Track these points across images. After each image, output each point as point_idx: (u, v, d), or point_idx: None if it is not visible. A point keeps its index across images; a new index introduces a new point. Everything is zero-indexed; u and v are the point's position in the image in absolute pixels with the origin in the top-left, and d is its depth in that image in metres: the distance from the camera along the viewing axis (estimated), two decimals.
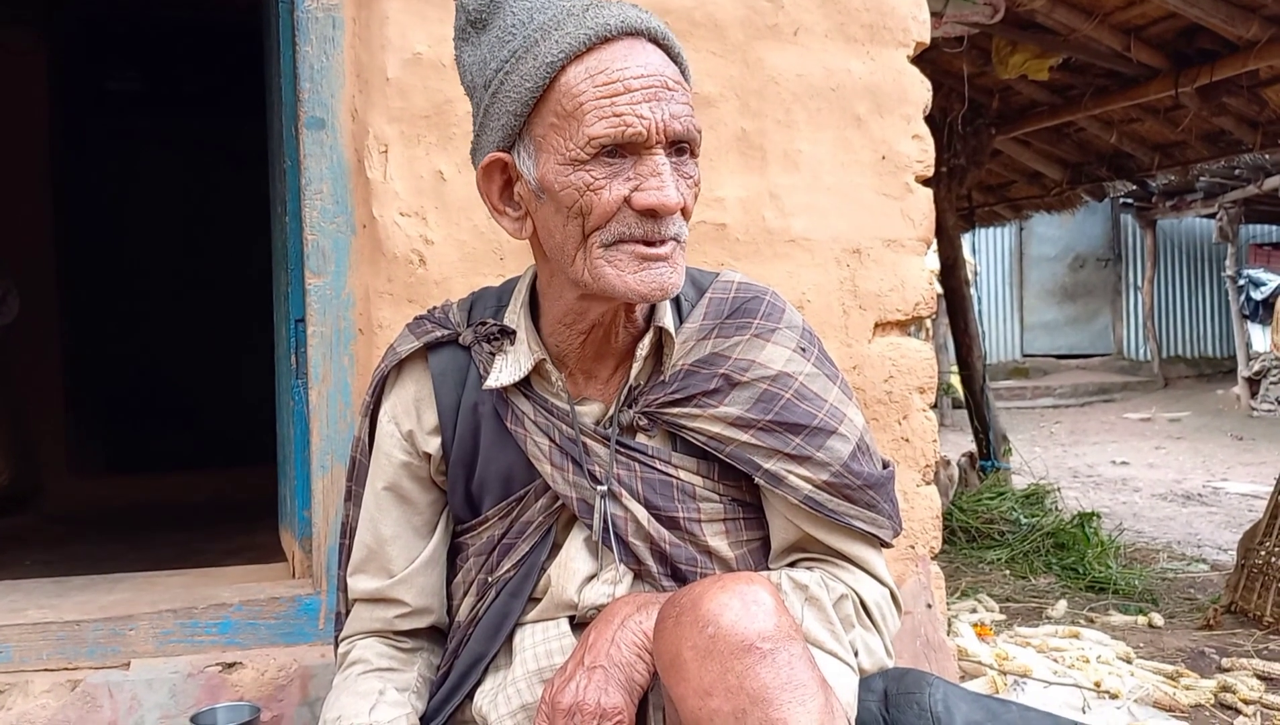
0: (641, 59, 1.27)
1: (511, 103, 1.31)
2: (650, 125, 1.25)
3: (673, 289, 1.31)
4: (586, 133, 1.25)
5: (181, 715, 2.03)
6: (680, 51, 1.34)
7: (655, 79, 1.27)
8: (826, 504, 1.40)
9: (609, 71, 1.26)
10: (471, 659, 1.46)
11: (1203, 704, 3.03)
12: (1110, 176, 7.22)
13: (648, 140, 1.26)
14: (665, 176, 1.27)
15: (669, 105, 1.27)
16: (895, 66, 2.47)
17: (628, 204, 1.27)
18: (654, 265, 1.29)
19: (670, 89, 1.28)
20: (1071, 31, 4.94)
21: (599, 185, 1.27)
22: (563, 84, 1.27)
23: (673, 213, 1.28)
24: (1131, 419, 13.47)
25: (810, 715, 1.11)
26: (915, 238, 2.49)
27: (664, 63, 1.30)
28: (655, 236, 1.28)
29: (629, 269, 1.29)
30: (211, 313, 6.60)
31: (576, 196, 1.28)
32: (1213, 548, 5.79)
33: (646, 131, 1.25)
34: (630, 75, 1.26)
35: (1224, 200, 13.60)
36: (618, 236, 1.28)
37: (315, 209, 2.18)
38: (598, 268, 1.30)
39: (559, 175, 1.28)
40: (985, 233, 16.70)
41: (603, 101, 1.25)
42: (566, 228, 1.31)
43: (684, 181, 1.31)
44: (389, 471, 1.52)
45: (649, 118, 1.25)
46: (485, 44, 1.35)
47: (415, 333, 1.52)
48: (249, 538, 3.70)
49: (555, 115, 1.28)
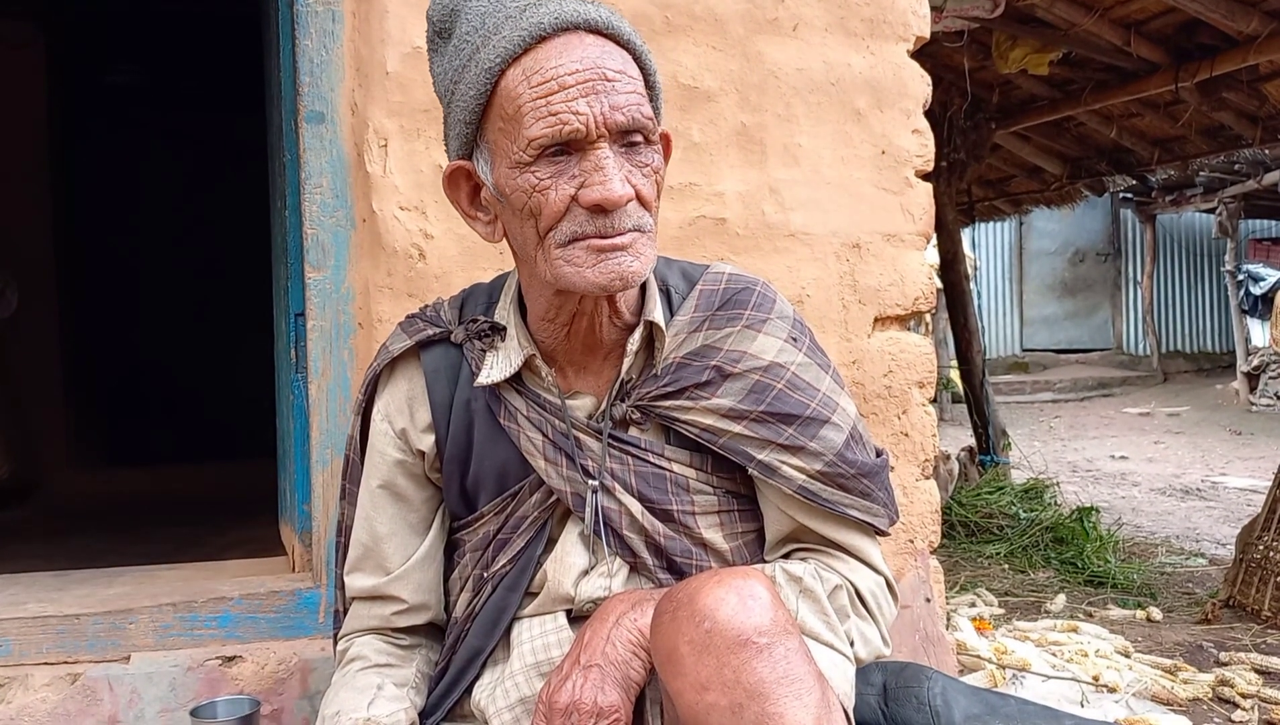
0: (577, 54, 1.26)
1: (463, 111, 1.32)
2: (588, 120, 1.24)
3: (634, 277, 1.29)
4: (526, 135, 1.25)
5: (181, 709, 2.03)
6: (630, 36, 1.32)
7: (591, 71, 1.25)
8: (821, 494, 1.41)
9: (543, 71, 1.25)
10: (469, 653, 1.47)
11: (1201, 698, 3.04)
12: (1110, 171, 7.22)
13: (588, 136, 1.25)
14: (608, 170, 1.25)
15: (609, 97, 1.25)
16: (895, 61, 2.47)
17: (576, 201, 1.27)
18: (610, 256, 1.27)
19: (609, 79, 1.26)
20: (1071, 26, 4.94)
21: (545, 185, 1.26)
22: (503, 88, 1.27)
23: (619, 206, 1.26)
24: (1130, 414, 13.48)
25: (807, 709, 1.12)
26: (915, 232, 2.49)
27: (603, 54, 1.27)
28: (609, 230, 1.27)
29: (586, 263, 1.28)
30: (211, 306, 6.60)
31: (525, 199, 1.28)
32: (1211, 542, 5.80)
33: (585, 127, 1.24)
34: (564, 71, 1.24)
35: (1223, 195, 13.62)
36: (570, 236, 1.28)
37: (315, 203, 2.18)
38: (556, 266, 1.29)
39: (508, 179, 1.29)
40: (985, 227, 16.70)
41: (539, 102, 1.24)
42: (524, 229, 1.31)
43: (638, 171, 1.29)
44: (383, 469, 1.52)
45: (585, 113, 1.24)
46: (447, 54, 1.36)
47: (407, 331, 1.52)
48: (249, 531, 3.70)
49: (501, 120, 1.28)
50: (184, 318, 6.74)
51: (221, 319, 6.46)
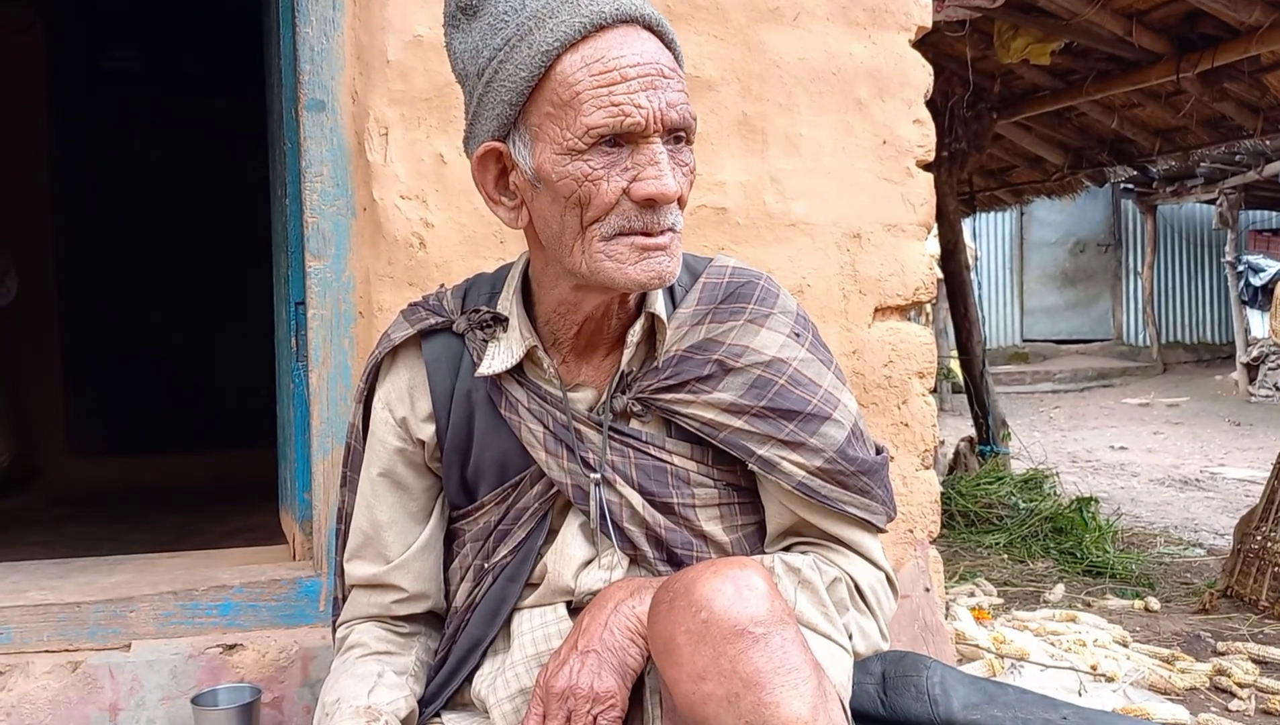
0: (637, 46, 1.26)
1: (506, 92, 1.29)
2: (648, 114, 1.24)
3: (670, 277, 1.31)
4: (584, 122, 1.24)
5: (182, 696, 2.04)
6: (674, 38, 1.33)
7: (651, 66, 1.26)
8: (820, 490, 1.40)
9: (605, 60, 1.24)
10: (469, 643, 1.47)
11: (1198, 687, 3.05)
12: (1111, 161, 7.20)
13: (645, 130, 1.25)
14: (664, 165, 1.26)
15: (665, 93, 1.26)
16: (897, 50, 2.47)
17: (626, 195, 1.26)
18: (653, 255, 1.29)
19: (666, 76, 1.27)
20: (1074, 15, 4.93)
21: (597, 175, 1.26)
22: (558, 73, 1.26)
23: (671, 202, 1.28)
24: (1130, 404, 13.49)
25: (803, 698, 1.12)
26: (916, 222, 2.49)
27: (659, 50, 1.29)
28: (654, 227, 1.28)
29: (629, 261, 1.28)
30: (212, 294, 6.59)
31: (575, 187, 1.27)
32: (1209, 532, 5.81)
33: (645, 121, 1.24)
34: (627, 64, 1.25)
35: (1224, 186, 13.59)
36: (617, 230, 1.28)
37: (315, 191, 2.18)
38: (596, 261, 1.29)
39: (556, 165, 1.27)
40: (986, 217, 16.69)
41: (600, 91, 1.24)
42: (564, 218, 1.30)
43: (680, 170, 1.30)
44: (384, 458, 1.52)
45: (646, 107, 1.24)
46: (476, 31, 1.33)
47: (409, 320, 1.52)
48: (249, 520, 3.71)
49: (551, 105, 1.27)
50: (184, 305, 6.72)
51: (222, 307, 6.45)
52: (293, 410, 2.34)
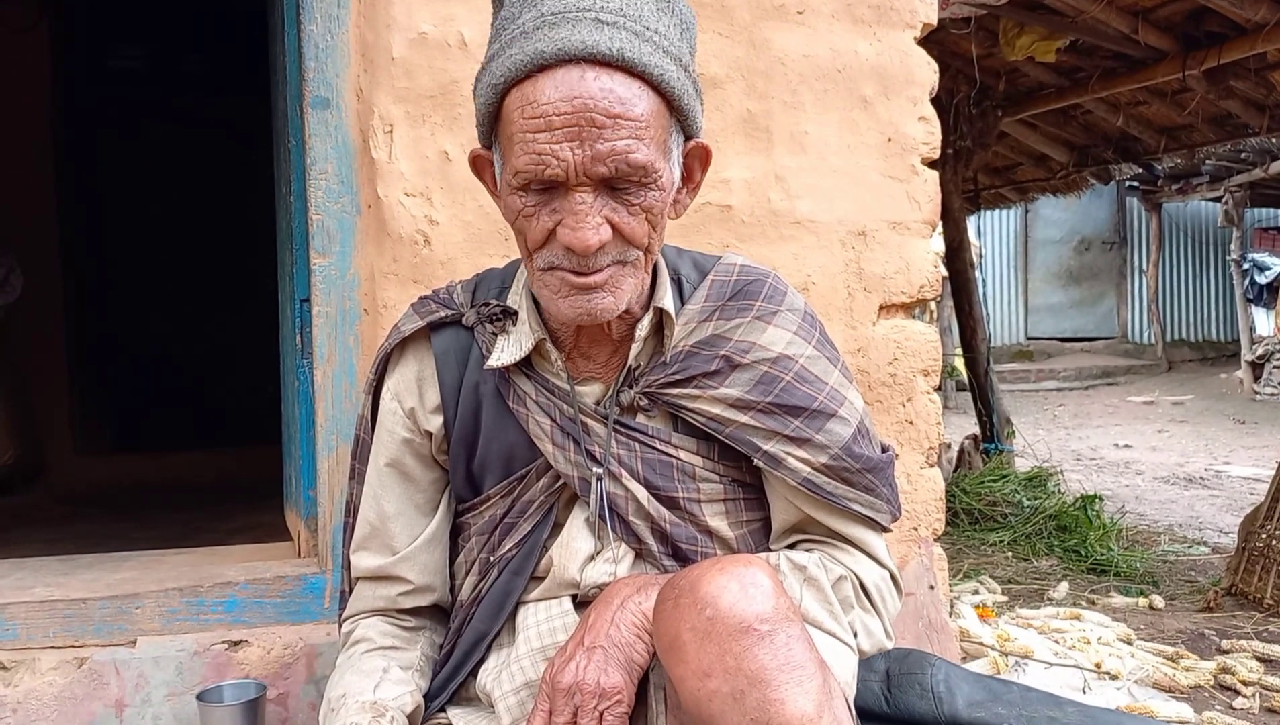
0: (572, 90, 1.20)
1: (478, 109, 1.33)
2: (568, 166, 1.21)
3: (605, 313, 1.30)
4: (514, 164, 1.25)
5: (188, 693, 2.05)
6: (647, 64, 1.24)
7: (579, 116, 1.20)
8: (825, 487, 1.41)
9: (536, 105, 1.22)
10: (475, 637, 1.47)
11: (1202, 685, 3.04)
12: (1116, 159, 7.19)
13: (567, 181, 1.23)
14: (582, 217, 1.23)
15: (596, 144, 1.21)
16: (902, 48, 2.47)
17: (553, 235, 1.27)
18: (583, 294, 1.28)
19: (598, 124, 1.20)
20: (1079, 13, 4.92)
21: (529, 212, 1.28)
22: (505, 107, 1.27)
23: (588, 253, 1.25)
24: (1135, 402, 13.48)
25: (808, 695, 1.12)
26: (921, 220, 2.48)
27: (602, 92, 1.21)
28: (584, 268, 1.27)
29: (560, 293, 1.30)
30: (217, 292, 6.60)
31: (514, 217, 1.30)
32: (1214, 531, 5.80)
33: (565, 173, 1.22)
34: (553, 111, 1.20)
35: (1230, 184, 13.58)
36: (549, 263, 1.29)
37: (320, 189, 2.18)
38: (538, 286, 1.33)
39: (506, 191, 1.31)
40: (990, 215, 16.67)
41: (527, 136, 1.22)
42: (518, 237, 1.34)
43: (624, 209, 1.26)
44: (391, 449, 1.52)
45: (567, 160, 1.21)
46: (495, 25, 1.34)
47: (419, 312, 1.53)
48: (254, 517, 3.71)
49: (503, 137, 1.29)
50: (189, 303, 6.74)
51: (227, 305, 6.46)
52: (297, 408, 2.34)
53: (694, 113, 1.33)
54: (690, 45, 1.34)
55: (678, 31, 1.31)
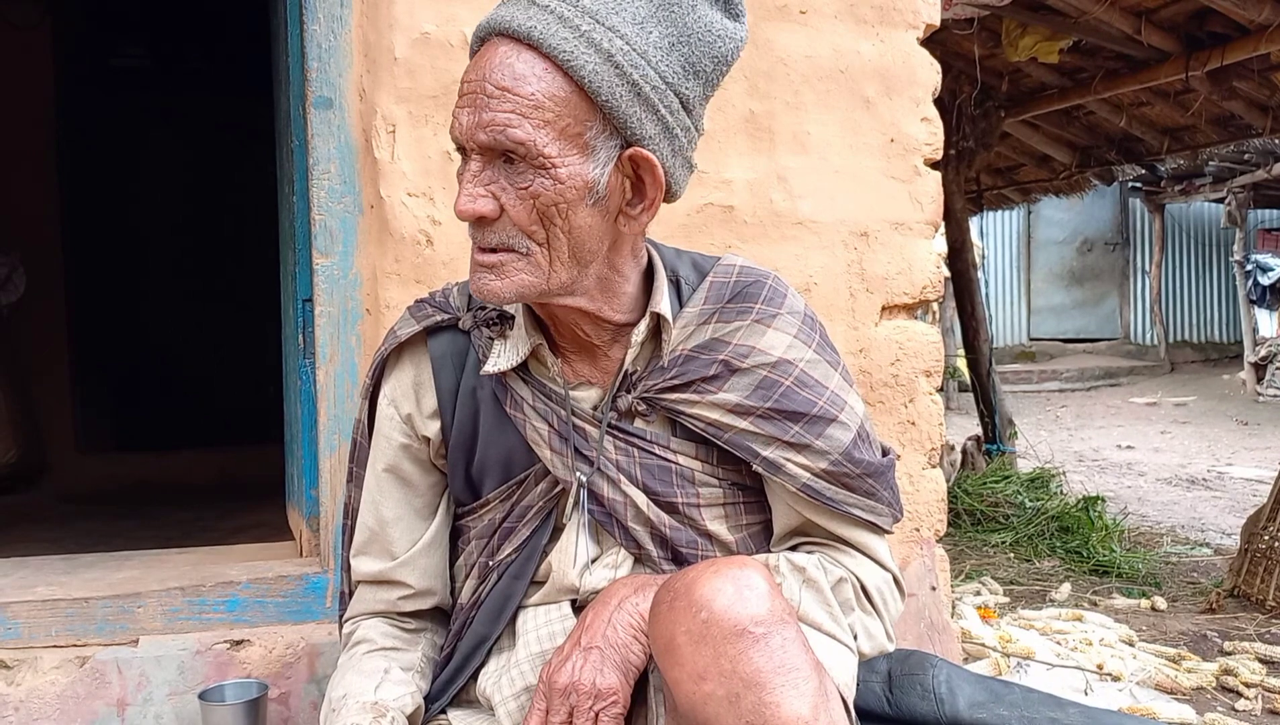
0: (483, 61, 1.26)
1: None
2: (461, 130, 1.27)
3: (493, 296, 1.29)
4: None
5: (189, 692, 2.05)
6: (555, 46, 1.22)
7: (475, 84, 1.26)
8: (825, 492, 1.40)
9: (466, 74, 1.29)
10: (475, 641, 1.47)
11: (1204, 687, 3.04)
12: (1119, 160, 7.18)
13: (464, 144, 1.28)
14: (465, 185, 1.27)
15: (482, 112, 1.24)
16: (904, 48, 2.46)
17: None
18: (479, 271, 1.31)
19: (489, 95, 1.23)
20: (1082, 14, 4.92)
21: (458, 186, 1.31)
22: None
23: (466, 219, 1.27)
24: (1137, 403, 13.46)
25: (803, 698, 1.12)
26: (923, 221, 2.48)
27: (502, 65, 1.23)
28: (479, 242, 1.30)
29: (473, 270, 1.32)
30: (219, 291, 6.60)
31: None
32: (1216, 532, 5.79)
33: (458, 136, 1.27)
34: (466, 79, 1.28)
35: (1233, 185, 13.55)
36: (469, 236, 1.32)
37: (323, 189, 2.18)
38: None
39: None
40: (993, 216, 16.66)
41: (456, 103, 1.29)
42: None
43: (513, 189, 1.26)
44: (389, 453, 1.52)
45: (462, 123, 1.26)
46: None
47: (415, 316, 1.52)
48: (256, 516, 3.72)
49: None
50: (191, 302, 6.74)
51: (229, 304, 6.46)
52: (299, 407, 2.35)
53: (635, 120, 1.26)
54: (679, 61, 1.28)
55: (657, 39, 1.26)
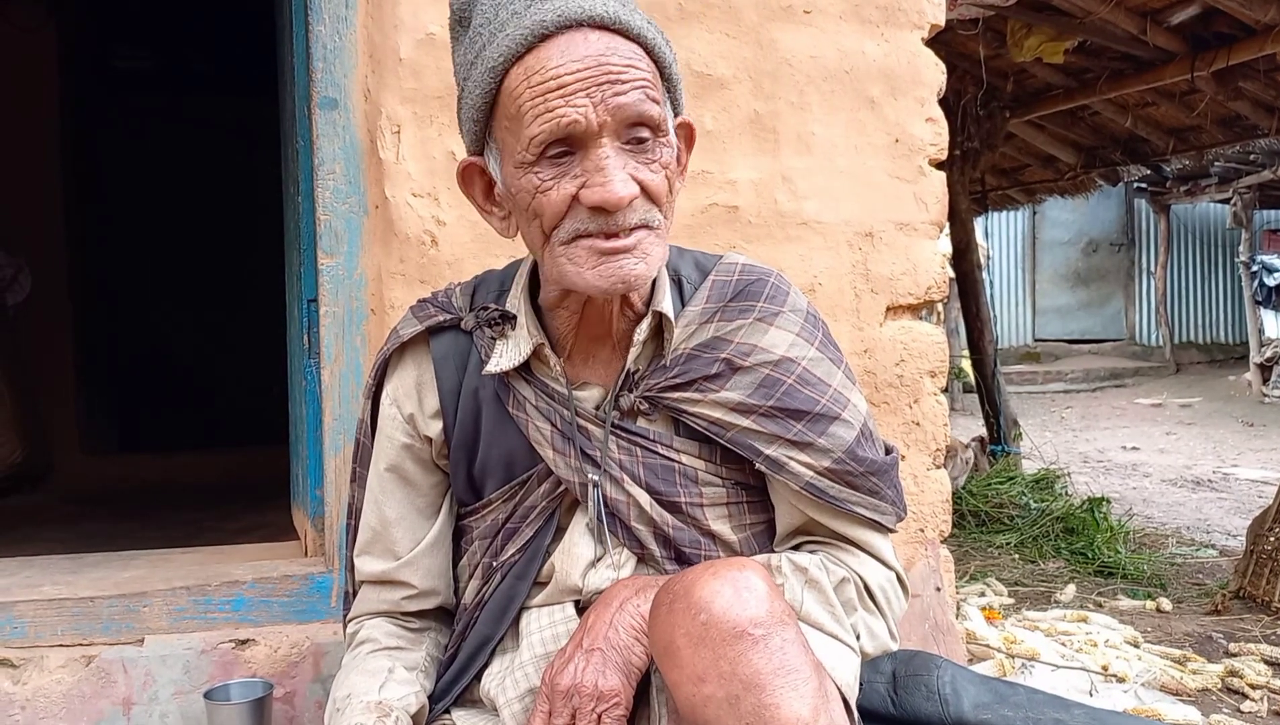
0: (579, 50, 1.23)
1: (470, 109, 1.31)
2: (586, 112, 1.22)
3: (637, 280, 1.28)
4: (527, 134, 1.24)
5: (195, 691, 2.05)
6: (641, 29, 1.28)
7: (594, 69, 1.22)
8: (828, 491, 1.40)
9: (544, 70, 1.23)
10: (479, 641, 1.47)
11: (1210, 688, 3.04)
12: (1124, 161, 7.18)
13: (587, 130, 1.23)
14: (609, 170, 1.23)
15: (612, 87, 1.23)
16: (909, 49, 2.46)
17: (578, 201, 1.26)
18: (613, 258, 1.26)
19: (613, 73, 1.23)
20: (1087, 14, 4.91)
21: (547, 186, 1.26)
22: (506, 88, 1.26)
23: (620, 207, 1.24)
24: (1143, 404, 13.44)
25: (803, 699, 1.12)
26: (928, 221, 2.48)
27: (608, 48, 1.24)
28: (612, 228, 1.26)
29: (587, 265, 1.27)
30: (223, 291, 6.61)
31: (529, 199, 1.28)
32: (1222, 533, 5.78)
33: (584, 119, 1.22)
34: (565, 71, 1.22)
35: (1238, 185, 13.53)
36: (574, 233, 1.27)
37: (328, 189, 2.18)
38: (560, 265, 1.29)
39: (513, 178, 1.29)
40: (998, 217, 16.63)
41: (537, 101, 1.23)
42: (530, 229, 1.32)
43: (645, 167, 1.27)
44: (391, 453, 1.52)
45: (584, 105, 1.22)
46: (464, 43, 1.34)
47: (418, 316, 1.52)
48: (261, 516, 3.72)
49: (506, 119, 1.28)
50: (196, 303, 6.76)
51: (233, 304, 6.47)
52: (304, 407, 2.35)
53: (679, 88, 1.35)
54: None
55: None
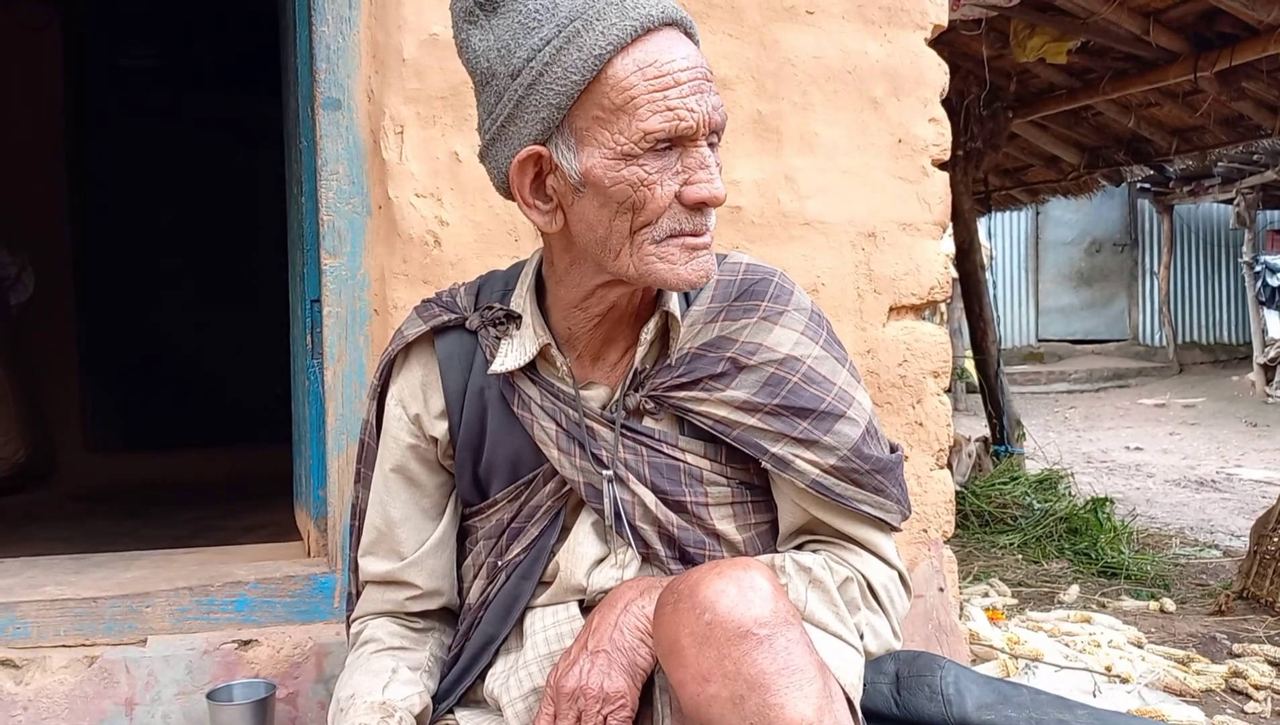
0: (683, 50, 1.28)
1: (554, 95, 1.27)
2: (699, 118, 1.26)
3: (713, 273, 1.35)
4: (640, 127, 1.24)
5: (198, 692, 2.05)
6: (698, 36, 1.35)
7: (698, 70, 1.28)
8: (833, 489, 1.40)
9: (659, 64, 1.25)
10: (483, 641, 1.47)
11: (1213, 689, 3.04)
12: (1128, 161, 7.17)
13: (695, 133, 1.27)
14: (713, 169, 1.29)
15: (710, 96, 1.28)
16: (912, 49, 2.46)
17: (678, 198, 1.28)
18: (700, 254, 1.32)
19: (708, 79, 1.29)
20: (1090, 14, 4.91)
21: (652, 180, 1.26)
22: (610, 76, 1.25)
23: (720, 204, 1.31)
24: (1146, 405, 13.43)
25: (807, 699, 1.12)
26: (931, 221, 2.48)
27: (696, 53, 1.30)
28: (702, 228, 1.31)
29: (680, 261, 1.30)
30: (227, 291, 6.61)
31: (630, 192, 1.27)
32: (1225, 534, 5.78)
33: (696, 125, 1.26)
34: (678, 67, 1.26)
35: (1242, 185, 13.51)
36: (669, 232, 1.29)
37: (331, 189, 2.18)
38: (647, 263, 1.30)
39: (609, 170, 1.26)
40: (1001, 217, 16.63)
41: (655, 95, 1.24)
42: (614, 222, 1.29)
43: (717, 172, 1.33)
44: (396, 454, 1.52)
45: (697, 110, 1.26)
46: (502, 28, 1.30)
47: (422, 316, 1.52)
48: (264, 516, 3.72)
49: (601, 109, 1.26)
50: (200, 302, 6.76)
51: (236, 303, 6.47)
52: (308, 407, 2.35)
53: None
54: None
55: None
